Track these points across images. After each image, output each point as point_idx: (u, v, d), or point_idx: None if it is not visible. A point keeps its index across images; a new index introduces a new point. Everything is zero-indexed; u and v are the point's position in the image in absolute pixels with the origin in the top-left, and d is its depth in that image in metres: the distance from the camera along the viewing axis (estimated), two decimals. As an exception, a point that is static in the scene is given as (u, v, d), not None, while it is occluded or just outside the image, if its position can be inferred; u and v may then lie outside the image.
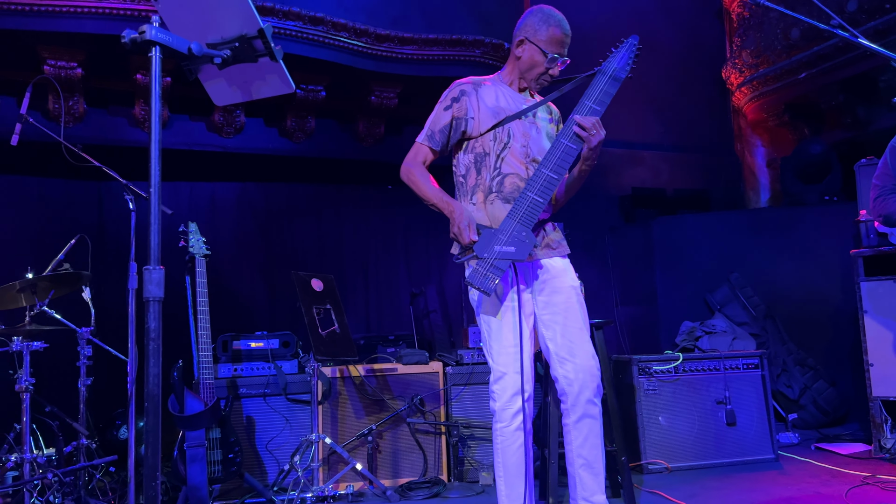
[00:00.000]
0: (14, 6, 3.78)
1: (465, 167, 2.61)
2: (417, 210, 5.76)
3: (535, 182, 2.43)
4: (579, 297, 2.61)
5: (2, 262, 4.57)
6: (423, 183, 2.55)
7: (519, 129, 2.57)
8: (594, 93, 2.49)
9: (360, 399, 3.97)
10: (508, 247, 2.36)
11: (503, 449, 2.49)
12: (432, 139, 2.59)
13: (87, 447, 3.45)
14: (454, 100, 2.58)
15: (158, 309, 1.68)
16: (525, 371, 2.45)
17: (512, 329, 2.46)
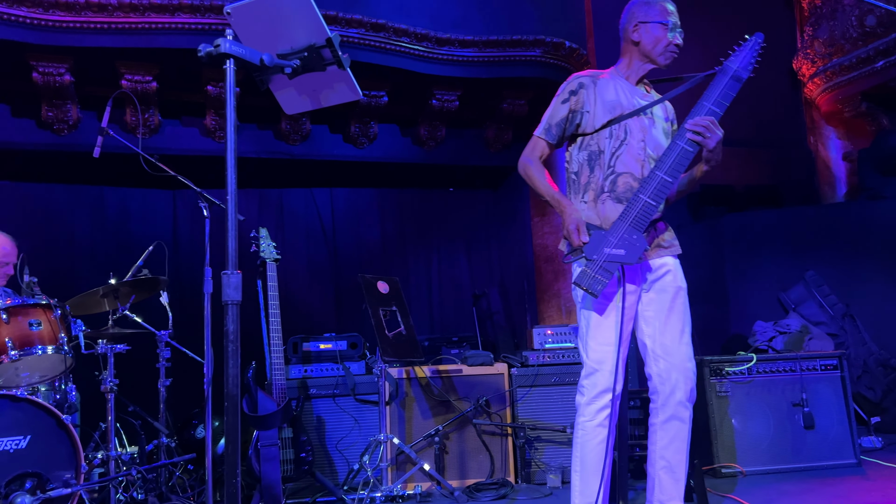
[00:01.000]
0: (94, 25, 3.98)
1: (578, 164, 2.58)
2: (479, 212, 5.85)
3: (649, 184, 2.39)
4: (685, 298, 2.57)
5: (86, 269, 4.81)
6: (539, 179, 2.55)
7: (636, 125, 2.52)
8: (714, 94, 2.43)
9: (427, 400, 4.00)
10: (618, 250, 2.35)
11: (583, 444, 2.48)
12: (549, 133, 2.57)
13: (167, 445, 3.60)
14: (572, 92, 2.55)
15: (236, 312, 1.74)
16: (618, 371, 2.43)
17: (611, 328, 2.45)
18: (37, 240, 4.77)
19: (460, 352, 4.33)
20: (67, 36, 3.99)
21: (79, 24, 3.97)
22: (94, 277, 4.00)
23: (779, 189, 6.04)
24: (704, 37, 3.31)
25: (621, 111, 2.52)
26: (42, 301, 3.13)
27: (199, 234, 5.09)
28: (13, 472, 2.81)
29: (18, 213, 4.84)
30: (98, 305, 3.63)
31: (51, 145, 4.62)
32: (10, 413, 2.85)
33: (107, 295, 3.56)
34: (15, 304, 3.07)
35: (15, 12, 3.88)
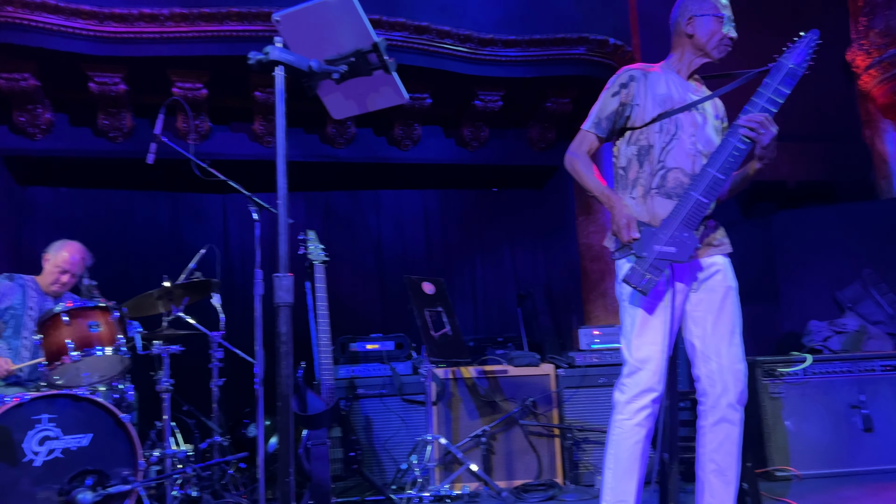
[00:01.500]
0: (147, 35, 4.10)
1: (627, 159, 2.53)
2: (523, 212, 5.82)
3: (701, 182, 2.35)
4: (735, 298, 2.51)
5: (141, 272, 4.96)
6: (587, 173, 2.50)
7: (687, 120, 2.48)
8: (767, 90, 2.37)
9: (473, 400, 4.00)
10: (669, 248, 2.31)
11: (618, 441, 2.43)
12: (598, 126, 2.53)
13: (220, 444, 3.69)
14: (622, 85, 2.51)
15: (289, 314, 1.78)
16: (661, 371, 2.39)
17: (657, 327, 2.40)
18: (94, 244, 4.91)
19: (506, 352, 4.33)
20: (121, 46, 4.13)
21: (132, 34, 4.09)
22: (149, 280, 4.12)
23: (833, 184, 5.86)
24: (754, 32, 3.22)
25: (672, 105, 2.47)
26: (101, 304, 3.24)
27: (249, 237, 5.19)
28: (76, 468, 2.92)
29: (77, 218, 5.02)
30: (153, 307, 3.74)
31: (106, 153, 4.77)
32: (72, 412, 2.96)
33: (161, 297, 3.67)
34: (76, 307, 3.18)
35: (72, 24, 4.02)
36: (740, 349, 2.48)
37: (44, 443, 2.88)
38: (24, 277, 3.76)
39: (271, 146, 5.02)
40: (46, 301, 3.77)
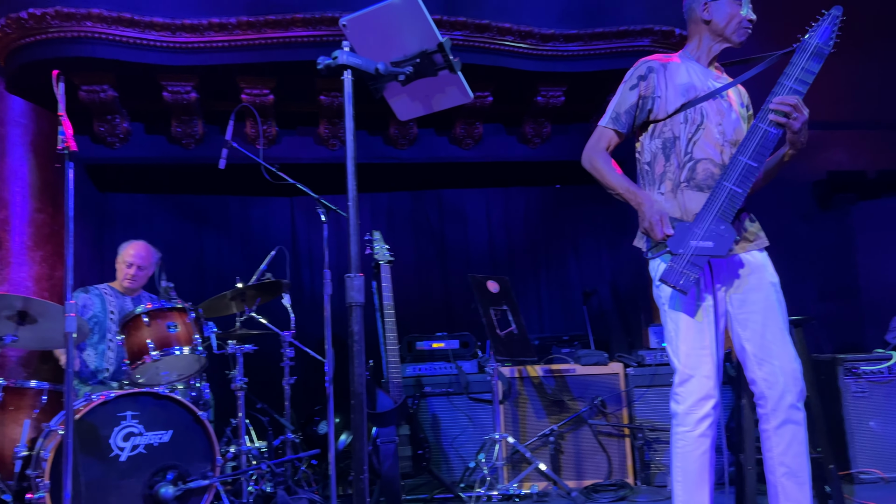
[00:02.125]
0: (216, 44, 4.23)
1: (651, 153, 2.45)
2: (587, 207, 5.74)
3: (733, 171, 2.26)
4: (779, 294, 2.40)
5: (215, 274, 5.12)
6: (607, 171, 2.41)
7: (713, 108, 2.39)
8: (794, 71, 2.27)
9: (540, 399, 3.98)
10: (706, 242, 2.20)
11: (684, 454, 2.35)
12: (617, 121, 2.44)
13: (292, 441, 3.77)
14: (641, 78, 2.43)
15: (360, 313, 1.80)
16: (715, 376, 2.29)
17: (703, 330, 2.30)
18: (170, 247, 5.13)
19: (572, 351, 4.29)
20: (193, 56, 4.27)
21: (202, 43, 4.23)
22: (222, 282, 4.26)
23: (916, 173, 5.56)
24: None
25: (695, 94, 2.38)
26: (178, 305, 3.36)
27: (316, 239, 5.32)
28: (158, 464, 3.04)
29: (154, 223, 5.22)
30: (227, 308, 3.86)
31: (179, 159, 4.95)
32: (153, 409, 3.08)
33: (234, 298, 3.78)
34: (155, 308, 3.31)
35: (146, 37, 4.18)
36: (792, 346, 2.37)
37: (128, 438, 3.00)
38: (98, 287, 3.95)
39: (336, 149, 5.10)
40: (125, 301, 3.95)
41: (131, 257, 3.93)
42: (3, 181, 4.42)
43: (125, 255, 3.96)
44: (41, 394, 3.21)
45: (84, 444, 2.87)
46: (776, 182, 2.65)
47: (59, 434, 2.84)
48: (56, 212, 4.59)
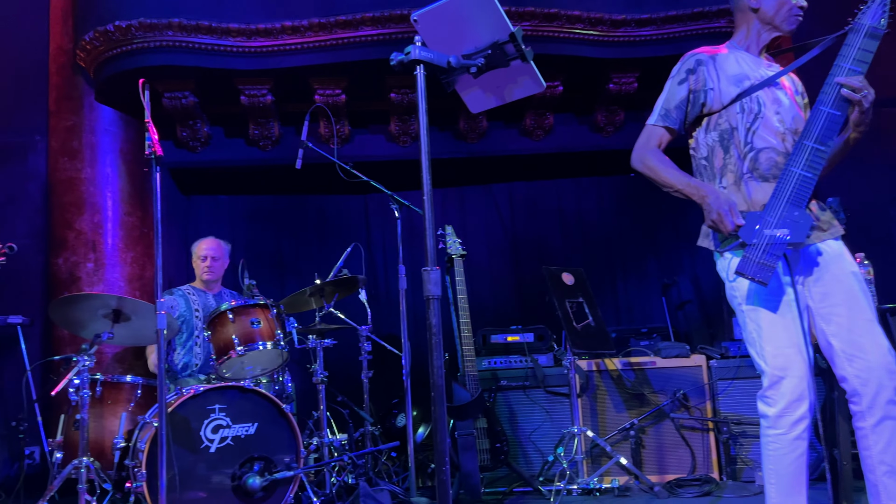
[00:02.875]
0: (290, 46, 4.34)
1: (708, 147, 2.35)
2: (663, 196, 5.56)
3: (799, 156, 2.15)
4: (862, 284, 2.25)
5: (294, 271, 5.27)
6: (663, 168, 2.31)
7: (769, 96, 2.29)
8: (850, 52, 2.15)
9: (619, 393, 3.91)
10: (781, 229, 2.09)
11: (777, 457, 2.23)
12: (667, 118, 2.35)
13: (372, 433, 3.84)
14: (690, 71, 2.34)
15: (437, 306, 1.81)
16: (807, 376, 2.16)
17: (788, 326, 2.17)
18: (251, 246, 5.30)
19: (651, 343, 4.19)
20: (268, 59, 4.39)
21: (277, 47, 4.34)
22: (301, 278, 4.37)
23: None
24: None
25: (749, 83, 2.27)
26: (260, 301, 3.46)
27: (389, 235, 5.39)
28: (244, 455, 3.14)
29: (235, 223, 5.41)
30: (306, 304, 3.95)
31: (257, 161, 5.10)
32: (239, 402, 3.19)
33: (313, 294, 3.87)
34: (239, 305, 3.43)
35: (223, 42, 4.33)
36: (884, 338, 2.21)
37: (217, 431, 3.12)
38: (181, 288, 4.13)
39: (407, 146, 5.15)
40: (207, 298, 4.10)
41: (204, 251, 4.11)
42: (95, 187, 4.66)
43: (198, 251, 4.14)
44: (136, 388, 3.38)
45: (177, 436, 3.00)
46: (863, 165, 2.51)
47: (153, 426, 2.97)
48: (145, 215, 4.82)
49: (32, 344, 4.48)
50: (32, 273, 4.62)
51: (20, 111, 4.78)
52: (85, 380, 3.09)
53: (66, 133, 4.69)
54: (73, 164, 4.65)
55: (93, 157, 4.69)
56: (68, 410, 3.29)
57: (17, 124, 4.77)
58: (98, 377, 3.29)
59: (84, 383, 3.08)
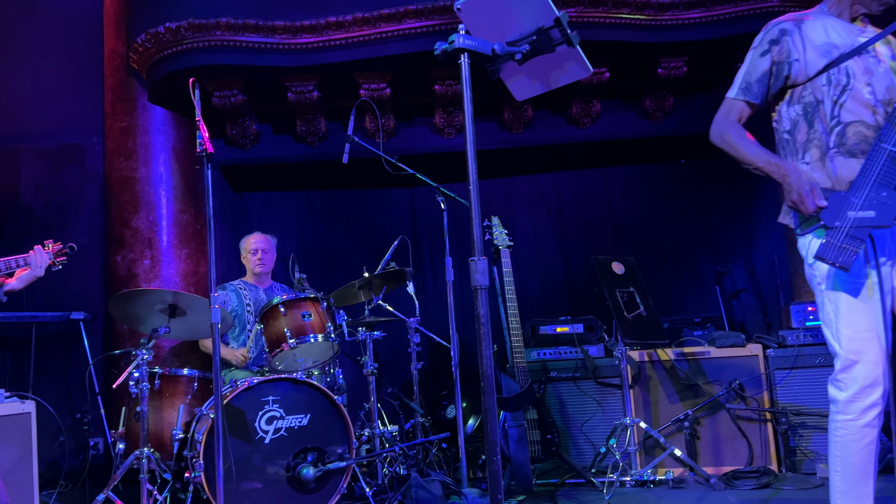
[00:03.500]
0: (335, 42, 4.37)
1: (791, 121, 2.26)
2: (715, 182, 5.46)
3: (892, 131, 2.04)
4: None
5: (343, 265, 5.32)
6: (742, 144, 2.24)
7: (859, 66, 2.18)
8: None
9: (672, 383, 3.84)
10: (866, 211, 2.00)
11: (844, 444, 2.16)
12: (748, 91, 2.27)
13: (422, 424, 3.86)
14: (773, 42, 2.24)
15: (485, 296, 1.80)
16: (883, 361, 2.08)
17: (868, 311, 2.10)
18: (301, 241, 5.38)
19: (705, 333, 4.10)
20: (314, 56, 4.43)
21: (322, 43, 4.38)
22: (350, 272, 4.41)
23: None
24: None
25: (838, 53, 2.16)
26: (311, 295, 3.51)
27: (436, 227, 5.40)
28: (298, 446, 3.20)
29: (285, 219, 5.50)
30: (355, 297, 3.99)
31: (305, 156, 5.17)
32: (292, 394, 3.25)
33: (362, 287, 3.90)
34: (290, 299, 3.48)
35: (270, 40, 4.39)
36: None
37: (271, 422, 3.18)
38: (232, 283, 4.21)
39: (452, 138, 5.14)
40: (258, 292, 4.18)
41: (254, 244, 4.20)
42: (150, 186, 4.79)
43: (248, 245, 4.23)
44: (192, 381, 3.47)
45: (232, 428, 3.07)
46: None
47: (209, 417, 3.05)
48: (197, 212, 4.93)
49: (94, 339, 4.64)
50: (93, 270, 4.79)
51: (78, 113, 4.95)
52: (144, 373, 3.19)
53: (121, 134, 4.83)
54: (128, 163, 4.79)
55: (147, 157, 4.82)
56: (129, 403, 3.40)
57: (75, 126, 4.94)
58: (156, 370, 3.39)
59: (143, 376, 3.18)
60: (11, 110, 4.90)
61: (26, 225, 4.71)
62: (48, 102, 4.94)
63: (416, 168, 3.77)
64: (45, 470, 4.20)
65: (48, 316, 4.39)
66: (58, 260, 2.85)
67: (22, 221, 4.71)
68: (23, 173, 4.82)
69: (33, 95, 4.94)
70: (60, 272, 2.89)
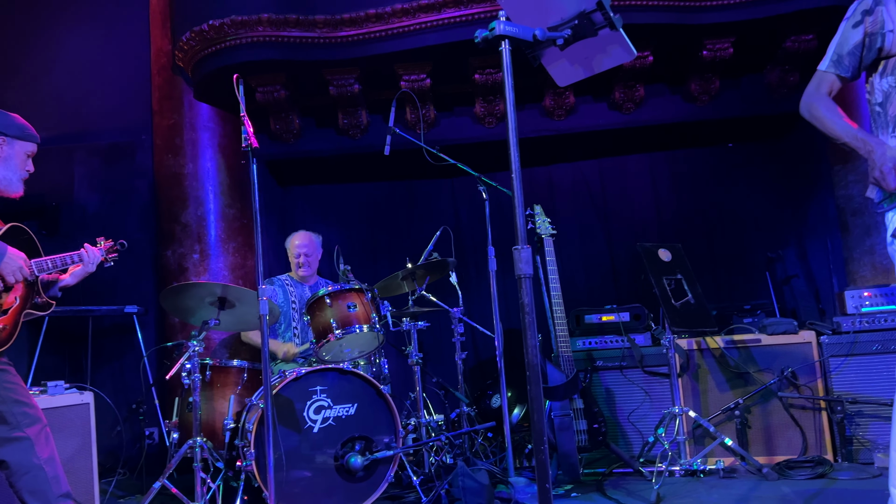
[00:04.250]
0: (375, 34, 4.38)
1: (883, 93, 2.19)
2: (763, 166, 5.32)
3: None
4: None
5: (387, 256, 5.36)
6: (831, 118, 2.19)
7: None
8: None
9: (722, 372, 3.76)
10: None
11: None
12: (839, 64, 2.22)
13: (467, 414, 3.87)
14: (866, 12, 2.19)
15: (529, 285, 1.79)
16: None
17: None
18: (345, 233, 5.43)
19: (755, 320, 4.01)
20: (354, 48, 4.46)
21: (362, 35, 4.40)
22: (393, 263, 4.44)
23: None
24: None
25: None
26: (356, 286, 3.54)
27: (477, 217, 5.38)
28: (346, 435, 3.24)
29: (328, 212, 5.55)
30: (399, 288, 4.02)
31: (348, 149, 5.20)
32: (339, 384, 3.29)
33: (406, 278, 3.92)
34: (335, 290, 3.52)
35: (311, 35, 4.42)
36: None
37: (319, 412, 3.23)
38: (280, 277, 4.27)
39: (493, 127, 5.11)
40: (303, 289, 4.24)
41: (297, 248, 4.24)
42: (198, 181, 4.89)
43: (292, 247, 4.27)
44: (242, 371, 3.55)
45: (282, 417, 3.13)
46: None
47: (259, 407, 3.11)
48: (244, 206, 5.02)
49: (148, 332, 4.78)
50: (145, 265, 4.92)
51: (127, 112, 5.08)
52: (195, 364, 3.27)
53: (168, 131, 4.94)
54: (176, 160, 4.90)
55: (194, 153, 4.92)
56: (181, 393, 3.49)
57: (125, 125, 5.08)
58: (207, 362, 3.47)
59: (195, 367, 3.26)
60: (65, 111, 5.06)
61: (80, 222, 4.85)
62: (99, 102, 5.08)
63: (456, 158, 3.76)
64: (104, 459, 4.35)
65: (103, 310, 4.53)
66: (109, 256, 2.93)
67: (76, 218, 4.86)
68: (76, 172, 4.97)
69: (85, 96, 5.08)
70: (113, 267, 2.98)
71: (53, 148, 4.86)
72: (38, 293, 2.65)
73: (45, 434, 2.53)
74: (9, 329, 2.48)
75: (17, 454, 2.43)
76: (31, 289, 2.60)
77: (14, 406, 2.46)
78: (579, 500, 3.23)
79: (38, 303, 2.66)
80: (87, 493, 3.16)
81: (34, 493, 2.45)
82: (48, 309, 2.70)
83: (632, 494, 3.22)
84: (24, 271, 2.50)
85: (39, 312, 2.68)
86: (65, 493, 2.53)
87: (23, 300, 2.55)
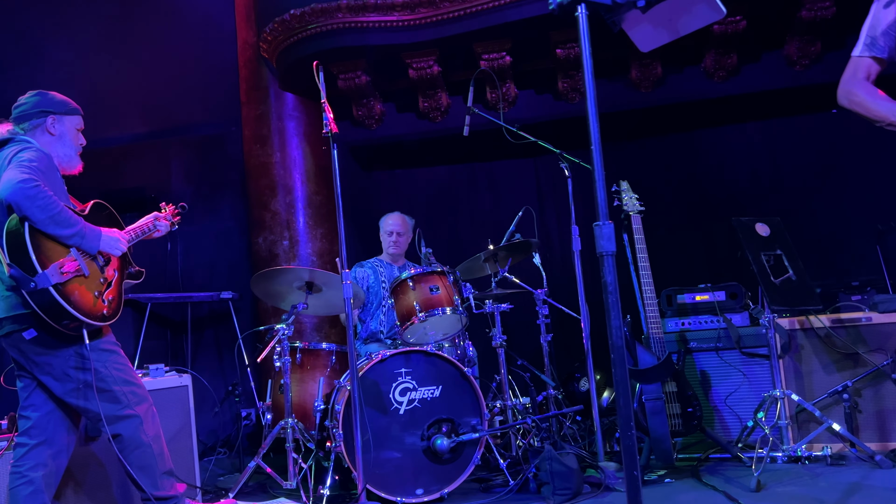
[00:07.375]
0: (452, 14, 4.34)
1: None
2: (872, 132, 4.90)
3: None
4: None
5: (469, 238, 5.33)
6: (871, 101, 2.10)
7: None
8: None
9: (827, 352, 3.53)
10: None
11: None
12: (874, 47, 2.13)
13: (554, 397, 3.80)
14: None
15: (612, 263, 1.71)
16: None
17: None
18: (427, 216, 5.44)
19: (864, 297, 3.74)
20: (432, 30, 4.43)
21: (439, 16, 4.37)
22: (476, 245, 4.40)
23: None
24: None
25: None
26: (438, 269, 3.53)
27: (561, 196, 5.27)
28: (431, 417, 3.24)
29: (412, 196, 5.58)
30: (481, 270, 3.98)
31: (429, 132, 5.20)
32: (424, 366, 3.30)
33: (488, 259, 3.88)
34: (418, 273, 3.52)
35: (388, 18, 4.43)
36: None
37: (405, 393, 3.25)
38: (370, 261, 4.32)
39: (576, 102, 4.98)
40: (393, 270, 4.27)
41: (390, 226, 4.27)
42: (286, 170, 5.02)
43: (385, 226, 4.31)
44: (331, 354, 3.62)
45: (368, 399, 3.17)
46: None
47: (347, 389, 3.16)
48: (330, 193, 5.11)
49: (243, 316, 4.96)
50: (239, 252, 5.10)
51: (217, 105, 5.26)
52: (286, 347, 3.35)
53: (256, 121, 5.08)
54: (264, 149, 5.04)
55: (281, 142, 5.04)
56: (274, 376, 3.59)
57: (215, 117, 5.26)
58: (297, 345, 3.55)
59: (285, 350, 3.35)
60: (161, 108, 5.29)
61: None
62: (191, 97, 5.29)
63: (538, 136, 3.67)
64: (205, 438, 4.56)
65: (201, 296, 4.73)
66: (174, 220, 3.04)
67: (174, 210, 5.09)
68: (172, 165, 5.20)
69: (178, 92, 5.29)
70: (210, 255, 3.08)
71: (151, 143, 5.10)
72: (130, 263, 2.78)
73: (152, 413, 2.67)
74: (116, 299, 2.62)
75: (129, 429, 2.57)
76: (125, 260, 2.74)
77: (124, 385, 2.59)
78: (673, 485, 3.11)
79: (132, 272, 2.80)
80: (189, 471, 3.30)
81: (143, 468, 2.58)
82: (140, 277, 2.84)
83: (730, 481, 3.08)
84: (122, 244, 2.64)
85: (134, 281, 2.81)
86: (168, 470, 2.66)
87: (120, 272, 2.69)
